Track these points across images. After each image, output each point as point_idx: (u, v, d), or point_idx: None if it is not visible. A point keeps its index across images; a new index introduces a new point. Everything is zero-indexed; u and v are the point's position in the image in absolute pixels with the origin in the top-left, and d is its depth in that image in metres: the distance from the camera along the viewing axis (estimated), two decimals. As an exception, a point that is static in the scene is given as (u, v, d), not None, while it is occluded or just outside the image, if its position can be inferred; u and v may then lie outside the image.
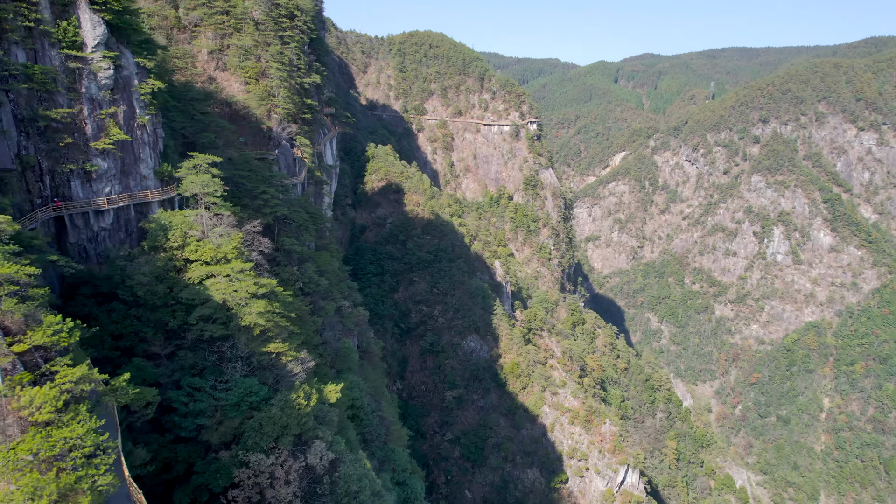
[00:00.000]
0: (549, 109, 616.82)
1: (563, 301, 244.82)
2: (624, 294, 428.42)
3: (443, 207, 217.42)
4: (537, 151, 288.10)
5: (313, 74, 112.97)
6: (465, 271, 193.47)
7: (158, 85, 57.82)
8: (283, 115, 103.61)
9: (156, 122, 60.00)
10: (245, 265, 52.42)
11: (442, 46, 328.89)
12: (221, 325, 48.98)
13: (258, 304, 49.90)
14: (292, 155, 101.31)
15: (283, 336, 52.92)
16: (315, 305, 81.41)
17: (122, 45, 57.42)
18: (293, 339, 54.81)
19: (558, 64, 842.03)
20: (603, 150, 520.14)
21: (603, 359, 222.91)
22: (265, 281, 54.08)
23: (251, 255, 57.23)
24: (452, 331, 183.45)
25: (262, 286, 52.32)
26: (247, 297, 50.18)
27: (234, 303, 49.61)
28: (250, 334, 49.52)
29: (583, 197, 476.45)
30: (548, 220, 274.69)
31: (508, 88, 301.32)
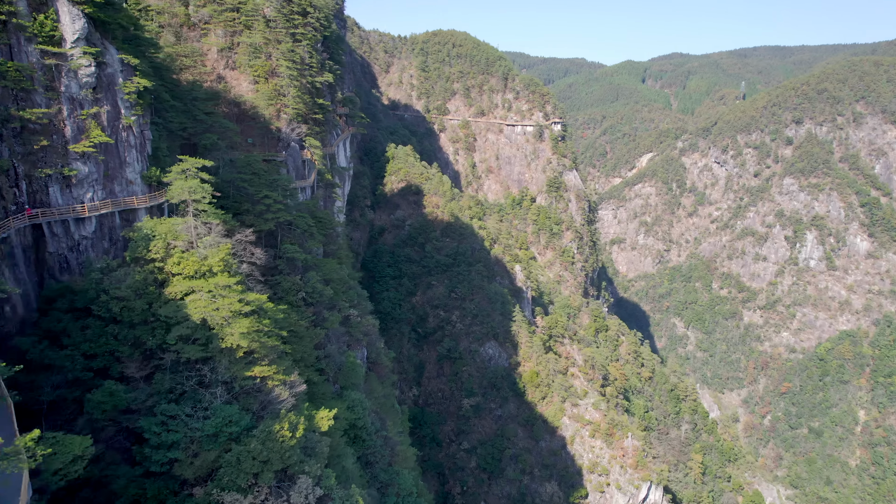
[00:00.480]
0: (574, 110, 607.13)
1: (586, 306, 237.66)
2: (649, 298, 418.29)
3: (463, 210, 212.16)
4: (561, 152, 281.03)
5: (326, 73, 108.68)
6: (484, 276, 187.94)
7: (145, 83, 53.64)
8: (292, 116, 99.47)
9: (143, 123, 55.91)
10: (230, 280, 47.87)
11: (465, 46, 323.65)
12: (201, 347, 44.50)
13: (241, 324, 45.29)
14: (301, 157, 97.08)
15: (272, 357, 48.25)
16: (318, 317, 76.88)
17: (107, 41, 53.37)
18: (283, 361, 50.10)
19: (584, 63, 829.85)
20: (629, 152, 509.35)
21: (626, 367, 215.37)
22: (253, 296, 49.49)
23: (241, 267, 52.73)
24: (470, 337, 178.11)
25: (248, 303, 47.72)
26: (229, 316, 45.63)
27: (216, 322, 45.09)
28: (233, 356, 44.95)
29: (608, 199, 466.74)
30: (571, 222, 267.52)
31: (532, 88, 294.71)
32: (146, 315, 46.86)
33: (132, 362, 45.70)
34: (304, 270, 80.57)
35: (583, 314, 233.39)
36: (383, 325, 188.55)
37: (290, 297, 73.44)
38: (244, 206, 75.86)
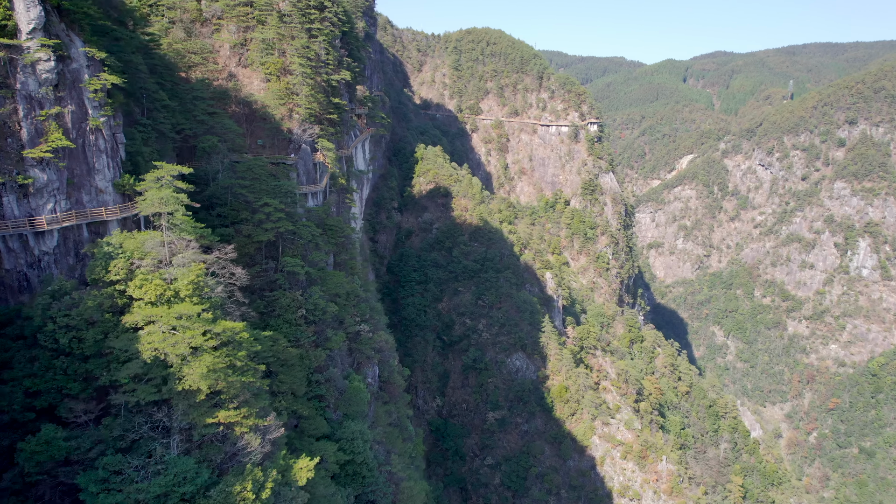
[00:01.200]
0: (612, 109, 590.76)
1: (621, 315, 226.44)
2: (687, 305, 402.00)
3: (492, 213, 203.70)
4: (597, 154, 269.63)
5: (343, 71, 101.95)
6: (512, 283, 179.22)
7: (113, 80, 47.25)
8: (304, 116, 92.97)
9: (114, 125, 49.58)
10: (195, 307, 41.02)
11: (500, 44, 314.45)
12: (154, 388, 37.75)
13: (203, 362, 38.37)
14: (313, 160, 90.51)
15: (243, 398, 41.24)
16: (320, 336, 69.95)
17: (73, 33, 47.21)
18: (258, 399, 43.06)
19: (623, 62, 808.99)
20: (669, 153, 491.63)
21: (662, 381, 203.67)
22: (226, 326, 42.53)
23: (216, 290, 45.92)
24: (497, 347, 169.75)
25: (217, 335, 40.79)
26: (189, 352, 38.77)
27: (173, 359, 38.29)
28: (192, 399, 38.08)
29: (646, 201, 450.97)
30: (607, 227, 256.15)
31: (568, 87, 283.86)
32: (101, 346, 40.37)
33: (80, 402, 39.25)
34: (307, 284, 73.80)
35: (617, 323, 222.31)
36: (407, 332, 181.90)
37: (289, 315, 66.72)
38: (242, 214, 69.45)
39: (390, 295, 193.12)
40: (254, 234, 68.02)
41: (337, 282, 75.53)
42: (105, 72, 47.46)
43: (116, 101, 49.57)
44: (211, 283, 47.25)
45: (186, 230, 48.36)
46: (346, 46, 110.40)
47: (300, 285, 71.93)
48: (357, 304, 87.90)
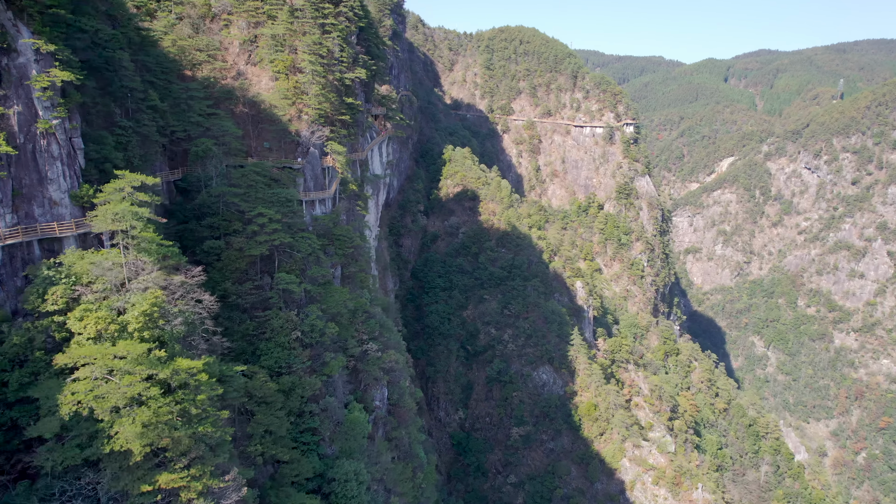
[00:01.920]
0: (649, 110, 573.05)
1: (655, 326, 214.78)
2: (726, 314, 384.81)
3: (521, 218, 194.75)
4: (633, 156, 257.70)
5: (358, 69, 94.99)
6: (541, 292, 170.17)
7: (64, 77, 40.86)
8: (314, 117, 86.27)
9: (70, 128, 43.25)
10: (140, 347, 34.12)
11: (533, 42, 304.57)
12: (77, 447, 30.98)
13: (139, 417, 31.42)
14: (321, 164, 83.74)
15: (195, 454, 34.21)
16: (317, 360, 62.91)
17: (21, 22, 41.02)
18: (216, 455, 35.96)
19: (662, 62, 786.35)
20: (708, 155, 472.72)
21: (698, 397, 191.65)
22: (182, 365, 35.56)
23: (176, 321, 39.07)
24: (523, 359, 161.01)
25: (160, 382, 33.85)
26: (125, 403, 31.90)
27: (102, 413, 31.49)
28: (125, 461, 31.19)
29: (683, 205, 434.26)
30: (642, 233, 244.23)
31: (603, 87, 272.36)
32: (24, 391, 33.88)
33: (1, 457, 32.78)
34: (305, 302, 66.91)
35: (651, 335, 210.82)
36: (430, 340, 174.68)
37: (281, 338, 59.84)
38: (234, 225, 62.91)
39: (414, 301, 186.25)
40: (246, 247, 61.43)
41: (339, 299, 68.41)
42: (56, 67, 41.07)
43: (72, 100, 43.24)
44: (174, 310, 40.45)
45: (149, 249, 41.66)
46: (363, 43, 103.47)
47: (297, 304, 65.07)
48: (365, 320, 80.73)
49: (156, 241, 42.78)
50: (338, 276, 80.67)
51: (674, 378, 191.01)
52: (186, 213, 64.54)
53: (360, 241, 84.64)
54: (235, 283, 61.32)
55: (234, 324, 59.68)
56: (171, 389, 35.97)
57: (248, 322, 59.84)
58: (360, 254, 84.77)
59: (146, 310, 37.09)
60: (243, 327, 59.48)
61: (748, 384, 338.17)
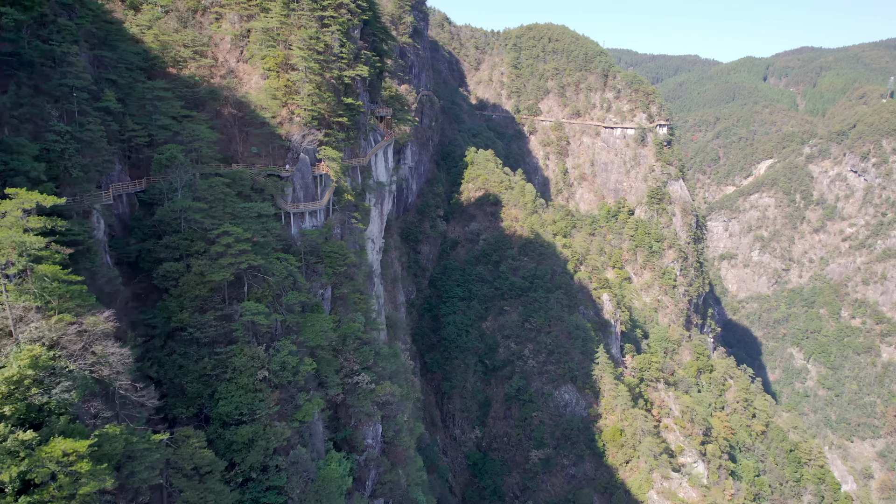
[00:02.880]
0: (683, 110, 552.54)
1: (688, 340, 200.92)
2: (762, 323, 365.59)
3: (544, 225, 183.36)
4: (666, 159, 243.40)
5: (360, 66, 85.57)
6: (564, 305, 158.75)
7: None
8: (307, 119, 77.16)
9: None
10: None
11: (562, 40, 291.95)
12: None
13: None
14: (312, 171, 74.53)
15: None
16: (287, 404, 53.58)
17: None
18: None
19: (697, 61, 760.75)
20: (745, 157, 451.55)
21: (733, 418, 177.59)
22: (54, 452, 26.46)
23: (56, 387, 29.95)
24: (544, 377, 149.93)
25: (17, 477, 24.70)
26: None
27: None
28: None
29: (718, 209, 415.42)
30: (675, 240, 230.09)
31: (635, 86, 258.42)
32: None
33: None
34: (281, 333, 57.67)
35: (683, 350, 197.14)
36: (446, 353, 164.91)
37: (244, 379, 50.62)
38: (196, 245, 53.92)
39: (431, 311, 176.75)
40: (207, 271, 52.39)
41: (320, 328, 59.00)
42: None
43: None
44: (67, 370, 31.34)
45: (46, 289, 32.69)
46: (367, 38, 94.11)
47: (269, 336, 55.86)
48: (357, 348, 71.27)
49: (58, 278, 33.77)
50: (327, 297, 71.40)
51: (707, 397, 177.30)
52: (146, 230, 55.97)
53: (355, 257, 75.16)
54: (195, 313, 52.39)
55: (189, 362, 50.77)
56: (42, 482, 26.92)
57: (206, 360, 50.81)
58: (354, 272, 75.38)
59: (14, 374, 28.06)
60: (200, 366, 50.48)
61: (786, 398, 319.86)
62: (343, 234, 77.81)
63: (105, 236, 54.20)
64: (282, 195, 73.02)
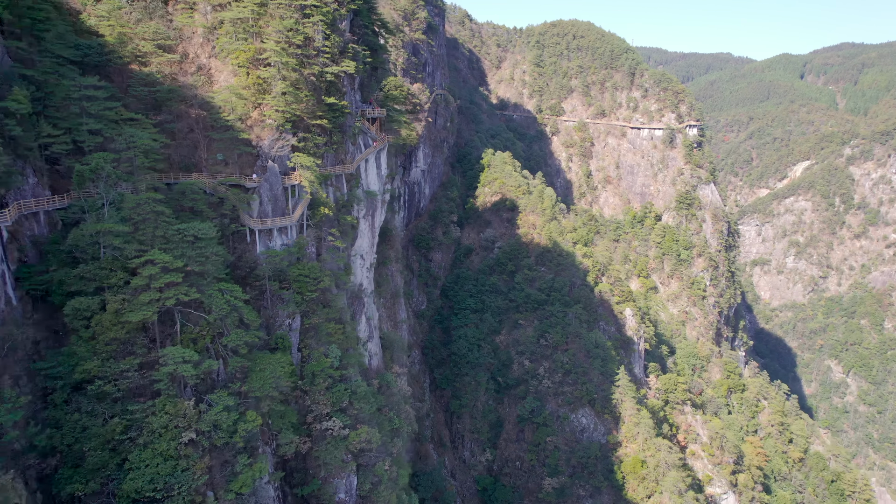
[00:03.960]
0: (715, 110, 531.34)
1: (718, 357, 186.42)
2: (797, 333, 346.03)
3: (563, 233, 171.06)
4: (696, 162, 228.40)
5: (345, 62, 75.24)
6: (583, 320, 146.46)
7: None
8: (279, 121, 67.14)
9: None
10: None
11: (588, 37, 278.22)
12: None
13: None
14: (282, 182, 64.47)
15: None
16: (221, 472, 43.44)
17: None
18: None
19: (730, 59, 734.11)
20: (780, 159, 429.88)
21: (767, 443, 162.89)
22: None
23: None
24: (560, 399, 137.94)
25: None
26: None
27: None
28: None
29: (751, 213, 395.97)
30: (705, 247, 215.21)
31: (664, 85, 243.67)
32: None
33: None
34: (223, 381, 47.60)
35: (712, 367, 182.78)
36: (456, 369, 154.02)
37: (163, 444, 40.65)
38: (115, 277, 44.11)
39: (442, 323, 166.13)
40: (124, 309, 42.53)
41: (270, 374, 48.75)
42: None
43: None
44: None
45: None
46: (358, 30, 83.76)
47: (205, 386, 45.83)
48: (330, 387, 61.02)
49: None
50: (295, 328, 61.24)
51: (738, 420, 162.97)
52: (63, 256, 46.40)
53: (331, 280, 64.85)
54: (109, 361, 42.62)
55: (95, 422, 41.00)
56: None
57: (117, 420, 40.93)
58: (329, 297, 65.07)
59: None
60: (107, 428, 40.64)
61: (823, 414, 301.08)
62: (319, 253, 67.57)
63: (12, 263, 45.00)
64: (247, 210, 63.16)
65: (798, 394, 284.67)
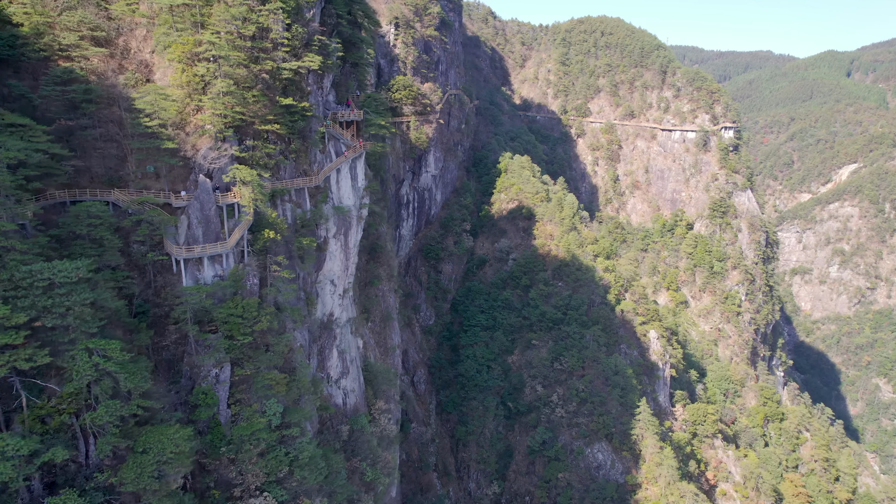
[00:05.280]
0: (753, 110, 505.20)
1: (754, 382, 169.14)
2: (841, 348, 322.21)
3: (584, 245, 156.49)
4: (731, 166, 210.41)
5: (309, 56, 63.34)
6: (602, 343, 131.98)
7: None
8: (218, 126, 55.60)
9: None
10: None
11: (617, 34, 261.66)
12: None
13: None
14: (216, 200, 52.82)
15: None
16: None
17: None
18: None
19: (770, 56, 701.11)
20: (824, 161, 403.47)
21: (810, 481, 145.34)
22: None
23: None
24: (574, 430, 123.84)
25: None
26: None
27: None
28: None
29: (791, 219, 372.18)
30: (740, 259, 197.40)
31: (698, 84, 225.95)
32: None
33: None
34: (91, 471, 35.94)
35: (747, 392, 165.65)
36: (463, 391, 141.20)
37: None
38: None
39: (450, 340, 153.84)
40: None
41: (154, 458, 36.85)
42: None
43: None
44: None
45: None
46: (329, 20, 71.78)
47: (56, 484, 34.23)
48: (264, 453, 49.09)
49: None
50: (224, 380, 49.55)
51: (776, 454, 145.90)
52: None
53: (271, 320, 52.91)
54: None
55: None
56: None
57: None
58: (271, 341, 53.11)
59: None
60: None
61: (870, 437, 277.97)
62: (264, 285, 55.81)
63: None
64: (172, 234, 51.76)
65: (842, 415, 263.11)
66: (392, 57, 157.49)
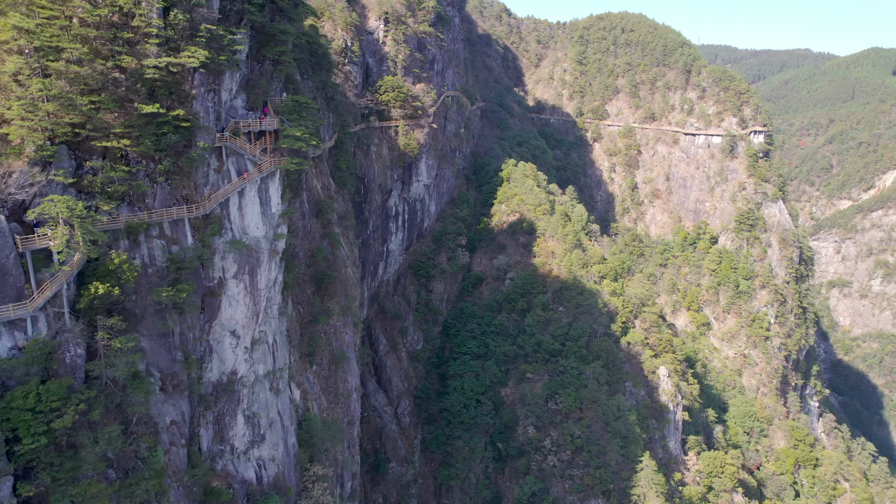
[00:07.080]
0: (789, 112, 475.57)
1: (784, 419, 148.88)
2: (885, 369, 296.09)
3: (588, 264, 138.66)
4: (761, 175, 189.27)
5: (191, 50, 48.36)
6: (603, 381, 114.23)
7: None
8: (38, 142, 40.96)
9: None
10: None
11: (638, 30, 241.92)
12: None
13: None
14: (16, 246, 38.16)
15: None
16: None
17: None
18: None
19: (809, 55, 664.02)
20: (866, 166, 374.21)
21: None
22: None
23: None
24: (568, 483, 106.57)
25: None
26: None
27: None
28: None
29: (829, 228, 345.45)
30: (769, 278, 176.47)
31: (725, 84, 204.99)
32: None
33: None
34: None
35: (775, 430, 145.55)
36: (449, 429, 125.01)
37: None
38: None
39: (439, 367, 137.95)
40: None
41: None
42: None
43: None
44: None
45: None
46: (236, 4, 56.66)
47: None
48: None
49: None
50: (4, 497, 34.62)
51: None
52: None
53: (93, 407, 38.00)
54: None
55: None
56: None
57: None
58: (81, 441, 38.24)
59: None
60: None
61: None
62: (94, 357, 40.99)
63: None
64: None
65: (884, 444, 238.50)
66: (381, 55, 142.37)
